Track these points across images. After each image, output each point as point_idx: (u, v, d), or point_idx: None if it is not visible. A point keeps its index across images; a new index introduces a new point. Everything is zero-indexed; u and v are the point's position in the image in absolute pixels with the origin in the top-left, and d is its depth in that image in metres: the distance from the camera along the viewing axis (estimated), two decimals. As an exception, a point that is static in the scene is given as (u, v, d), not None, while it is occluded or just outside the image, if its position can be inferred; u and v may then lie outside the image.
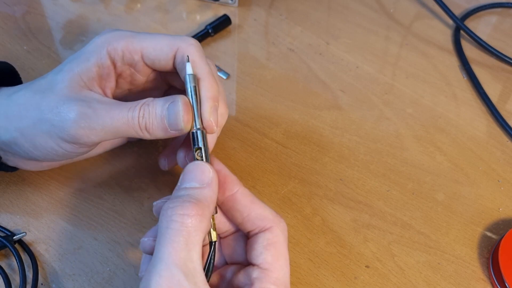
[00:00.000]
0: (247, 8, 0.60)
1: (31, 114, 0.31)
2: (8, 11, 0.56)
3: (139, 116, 0.30)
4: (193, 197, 0.26)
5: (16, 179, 0.40)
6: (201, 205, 0.26)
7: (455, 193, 0.43)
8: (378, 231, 0.39)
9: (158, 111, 0.30)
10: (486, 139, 0.48)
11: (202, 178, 0.28)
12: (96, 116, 0.30)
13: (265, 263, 0.28)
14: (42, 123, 0.31)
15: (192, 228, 0.25)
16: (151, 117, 0.30)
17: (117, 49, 0.32)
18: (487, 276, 0.38)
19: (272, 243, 0.28)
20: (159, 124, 0.30)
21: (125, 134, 0.31)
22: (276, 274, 0.28)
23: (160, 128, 0.31)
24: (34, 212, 0.38)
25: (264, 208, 0.30)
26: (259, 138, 0.45)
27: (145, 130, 0.31)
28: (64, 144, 0.32)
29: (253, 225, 0.29)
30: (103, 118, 0.30)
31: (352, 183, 0.43)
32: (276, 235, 0.29)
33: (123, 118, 0.30)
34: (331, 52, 0.55)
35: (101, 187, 0.40)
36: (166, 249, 0.24)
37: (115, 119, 0.30)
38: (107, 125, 0.30)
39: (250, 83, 0.51)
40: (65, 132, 0.31)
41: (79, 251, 0.36)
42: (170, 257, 0.24)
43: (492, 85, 0.53)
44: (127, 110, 0.30)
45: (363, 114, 0.49)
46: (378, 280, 0.37)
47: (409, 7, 0.63)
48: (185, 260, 0.24)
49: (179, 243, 0.24)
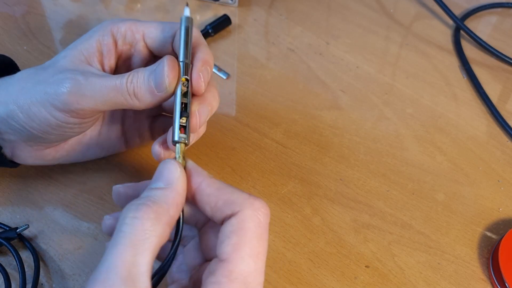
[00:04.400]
0: (247, 8, 0.60)
1: (29, 85, 0.33)
2: (8, 11, 0.56)
3: (127, 82, 0.31)
4: (152, 199, 0.25)
5: (16, 179, 0.40)
6: (156, 208, 0.24)
7: (455, 193, 0.43)
8: (378, 231, 0.39)
9: (146, 74, 0.31)
10: (486, 139, 0.48)
11: (168, 178, 0.26)
12: (87, 83, 0.31)
13: (223, 254, 0.24)
14: (37, 92, 0.32)
15: (141, 231, 0.23)
16: (139, 81, 0.31)
17: (120, 28, 0.34)
18: (487, 276, 0.38)
19: (235, 229, 0.25)
20: (146, 87, 0.31)
21: (115, 102, 0.32)
22: (232, 266, 0.24)
23: (147, 91, 0.31)
24: (34, 212, 0.38)
25: (232, 193, 0.26)
26: (259, 138, 0.45)
27: (133, 95, 0.31)
28: (56, 113, 0.32)
29: (221, 214, 0.26)
30: (94, 85, 0.31)
31: (352, 183, 0.43)
32: (242, 220, 0.25)
33: (112, 84, 0.31)
34: (331, 52, 0.55)
35: (101, 188, 0.40)
36: (110, 251, 0.23)
37: (105, 85, 0.31)
38: (97, 91, 0.31)
39: (250, 83, 0.51)
40: (56, 99, 0.31)
41: (79, 251, 0.36)
42: (112, 261, 0.22)
43: (492, 85, 0.53)
44: (116, 77, 0.32)
45: (363, 114, 0.49)
46: (378, 280, 0.37)
47: (409, 7, 0.63)
48: (128, 264, 0.22)
49: (125, 246, 0.23)
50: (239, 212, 0.25)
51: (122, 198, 0.29)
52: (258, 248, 0.24)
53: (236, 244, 0.24)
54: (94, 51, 0.34)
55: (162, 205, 0.25)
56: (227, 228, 0.25)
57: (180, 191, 0.26)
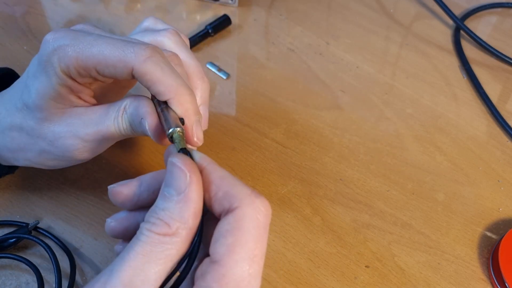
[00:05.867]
0: (247, 8, 0.60)
1: (32, 149, 0.33)
2: (8, 11, 0.56)
3: (124, 128, 0.31)
4: (168, 214, 0.23)
5: (16, 179, 0.40)
6: (174, 223, 0.23)
7: (455, 193, 0.43)
8: (378, 231, 0.39)
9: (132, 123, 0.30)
10: (486, 139, 0.48)
11: (179, 185, 0.23)
12: (89, 139, 0.31)
13: (215, 254, 0.22)
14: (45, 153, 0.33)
15: (158, 244, 0.22)
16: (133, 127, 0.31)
17: (69, 67, 0.28)
18: (487, 276, 0.38)
19: (231, 229, 0.22)
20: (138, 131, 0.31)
21: (119, 138, 0.32)
22: (225, 270, 0.22)
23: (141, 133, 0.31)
24: (34, 212, 0.38)
25: (234, 186, 0.24)
26: (259, 138, 0.45)
27: (132, 134, 0.31)
28: (62, 162, 0.34)
29: (220, 207, 0.24)
30: (96, 138, 0.31)
31: (352, 183, 0.43)
32: (240, 218, 0.23)
33: (112, 131, 0.31)
34: (331, 52, 0.55)
35: (101, 187, 0.40)
36: (120, 256, 0.22)
37: (106, 134, 0.31)
38: (101, 141, 0.32)
39: (250, 83, 0.51)
40: (65, 158, 0.33)
41: (79, 251, 0.36)
42: (119, 264, 0.22)
43: (492, 85, 0.53)
44: (112, 121, 0.31)
45: (363, 114, 0.49)
46: (378, 280, 0.37)
47: (409, 7, 0.63)
48: (134, 270, 0.22)
49: (137, 253, 0.22)
50: (238, 209, 0.23)
51: (118, 198, 0.28)
52: (255, 251, 0.22)
53: (231, 245, 0.22)
54: (65, 95, 0.30)
55: (180, 220, 0.23)
56: (223, 226, 0.23)
57: (195, 198, 0.23)
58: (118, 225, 0.28)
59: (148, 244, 0.22)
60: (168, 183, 0.24)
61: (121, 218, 0.28)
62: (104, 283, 0.22)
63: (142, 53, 0.28)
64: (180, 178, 0.23)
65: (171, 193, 0.23)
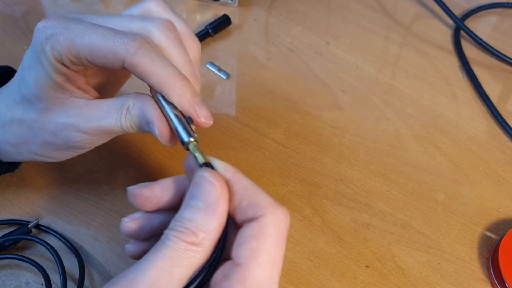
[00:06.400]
0: (247, 8, 0.60)
1: (34, 141, 0.33)
2: (8, 11, 0.56)
3: (128, 125, 0.31)
4: (195, 225, 0.24)
5: (16, 179, 0.40)
6: (200, 234, 0.24)
7: (455, 193, 0.43)
8: (378, 231, 0.39)
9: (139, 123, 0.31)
10: (486, 139, 0.48)
11: (209, 199, 0.24)
12: (91, 132, 0.31)
13: (239, 257, 0.23)
14: (47, 144, 0.33)
15: (184, 251, 0.23)
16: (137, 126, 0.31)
17: (62, 55, 0.28)
18: (487, 276, 0.38)
19: (255, 234, 0.24)
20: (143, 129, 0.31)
21: (120, 133, 0.32)
22: (248, 272, 0.23)
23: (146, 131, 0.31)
24: (34, 212, 0.38)
25: (258, 195, 0.25)
26: (259, 138, 0.45)
27: (136, 131, 0.32)
28: (66, 152, 0.34)
29: (243, 215, 0.25)
30: (97, 132, 0.31)
31: (352, 183, 0.43)
32: (264, 225, 0.24)
33: (114, 127, 0.31)
34: (331, 52, 0.55)
35: (101, 187, 0.40)
36: (147, 257, 0.23)
37: (108, 129, 0.31)
38: (102, 135, 0.32)
39: (250, 83, 0.51)
40: (68, 148, 0.33)
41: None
42: (146, 264, 0.23)
43: (492, 85, 0.53)
44: (114, 118, 0.31)
45: (363, 114, 0.49)
46: (378, 280, 0.37)
47: (409, 7, 0.63)
48: (161, 272, 0.23)
49: (164, 256, 0.23)
50: (262, 217, 0.24)
51: (138, 200, 0.28)
52: (275, 257, 0.24)
53: (255, 249, 0.23)
54: (63, 84, 0.30)
55: (206, 231, 0.24)
56: (247, 232, 0.24)
57: (222, 212, 0.25)
58: (133, 224, 0.29)
59: (175, 250, 0.23)
60: (196, 195, 0.25)
61: (137, 218, 0.29)
62: (131, 280, 0.22)
63: (131, 45, 0.27)
64: (210, 192, 0.24)
65: (200, 205, 0.24)
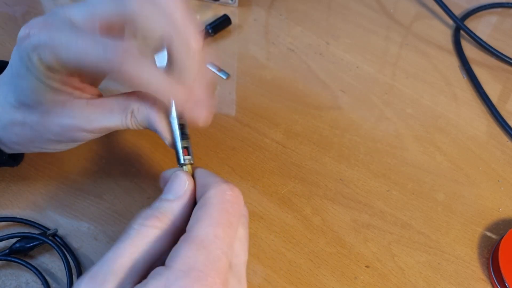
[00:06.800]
0: (247, 8, 0.60)
1: (36, 139, 0.33)
2: (8, 11, 0.56)
3: (133, 123, 0.32)
4: (160, 210, 0.26)
5: (16, 179, 0.40)
6: (163, 218, 0.26)
7: (455, 193, 0.43)
8: (378, 231, 0.39)
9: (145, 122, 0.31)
10: (486, 139, 0.48)
11: (177, 190, 0.28)
12: (94, 130, 0.32)
13: (188, 226, 0.25)
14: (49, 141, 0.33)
15: (146, 237, 0.25)
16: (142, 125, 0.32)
17: (50, 65, 0.28)
18: (487, 276, 0.38)
19: (200, 206, 0.26)
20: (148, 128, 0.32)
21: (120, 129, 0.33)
22: (191, 233, 0.24)
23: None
24: (33, 212, 0.38)
25: (206, 177, 0.28)
26: (259, 138, 0.45)
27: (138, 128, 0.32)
28: (68, 145, 0.35)
29: (198, 198, 0.28)
30: (99, 130, 0.32)
31: (352, 183, 0.43)
32: (207, 197, 0.26)
33: (117, 126, 0.32)
34: (331, 52, 0.55)
35: (101, 187, 0.40)
36: (111, 249, 0.24)
37: (111, 128, 0.32)
38: (103, 132, 0.33)
39: (250, 83, 0.51)
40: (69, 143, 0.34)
41: (79, 251, 0.36)
42: (109, 256, 0.24)
43: (492, 85, 0.53)
44: (119, 118, 0.31)
45: (363, 114, 0.49)
46: (378, 280, 0.37)
47: (409, 7, 0.63)
48: (124, 259, 0.24)
49: (126, 245, 0.24)
50: (206, 192, 0.26)
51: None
52: (220, 220, 0.25)
53: (199, 216, 0.25)
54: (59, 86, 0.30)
55: (169, 217, 0.26)
56: (195, 208, 0.26)
57: (186, 202, 0.27)
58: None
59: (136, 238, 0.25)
60: (167, 190, 0.28)
61: None
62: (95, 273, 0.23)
63: (115, 60, 0.26)
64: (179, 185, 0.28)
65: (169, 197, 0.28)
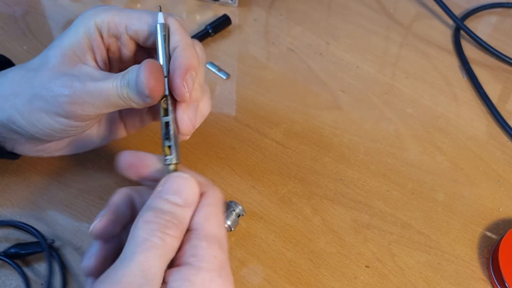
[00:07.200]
0: (247, 8, 0.60)
1: (25, 91, 0.32)
2: (8, 11, 0.56)
3: (121, 86, 0.30)
4: (176, 217, 0.27)
5: (16, 179, 0.40)
6: (181, 227, 0.27)
7: (455, 193, 0.43)
8: (378, 231, 0.39)
9: (132, 78, 0.30)
10: (486, 139, 0.48)
11: (187, 197, 0.28)
12: (86, 90, 0.31)
13: (195, 224, 0.28)
14: (36, 100, 0.31)
15: (170, 247, 0.26)
16: (130, 85, 0.30)
17: (103, 20, 0.33)
18: (487, 276, 0.38)
19: (203, 205, 0.28)
20: (135, 92, 0.30)
21: (116, 104, 0.31)
22: (206, 231, 0.27)
23: (137, 96, 0.30)
24: (33, 212, 0.38)
25: (195, 177, 0.29)
26: (259, 138, 0.45)
27: (128, 99, 0.31)
28: (60, 119, 0.32)
29: None
30: (92, 92, 0.31)
31: (352, 183, 0.43)
32: (208, 196, 0.29)
33: (109, 90, 0.31)
34: (331, 52, 0.55)
35: (101, 188, 0.40)
36: (139, 256, 0.25)
37: (103, 91, 0.31)
38: (97, 97, 0.31)
39: (250, 83, 0.51)
40: (59, 107, 0.31)
41: (79, 251, 0.36)
42: (139, 263, 0.24)
43: (492, 85, 0.53)
44: (112, 81, 0.31)
45: (363, 114, 0.49)
46: (378, 280, 0.37)
47: (409, 7, 0.63)
48: (150, 268, 0.25)
49: (154, 255, 0.25)
50: (207, 192, 0.29)
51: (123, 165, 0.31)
52: (222, 219, 0.29)
53: (207, 216, 0.28)
54: (85, 48, 0.33)
55: (185, 224, 0.27)
56: (200, 206, 0.28)
57: (193, 210, 0.28)
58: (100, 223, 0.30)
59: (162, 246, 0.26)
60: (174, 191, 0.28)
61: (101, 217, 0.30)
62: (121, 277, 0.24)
63: (172, 15, 0.33)
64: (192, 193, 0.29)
65: (177, 200, 0.28)
